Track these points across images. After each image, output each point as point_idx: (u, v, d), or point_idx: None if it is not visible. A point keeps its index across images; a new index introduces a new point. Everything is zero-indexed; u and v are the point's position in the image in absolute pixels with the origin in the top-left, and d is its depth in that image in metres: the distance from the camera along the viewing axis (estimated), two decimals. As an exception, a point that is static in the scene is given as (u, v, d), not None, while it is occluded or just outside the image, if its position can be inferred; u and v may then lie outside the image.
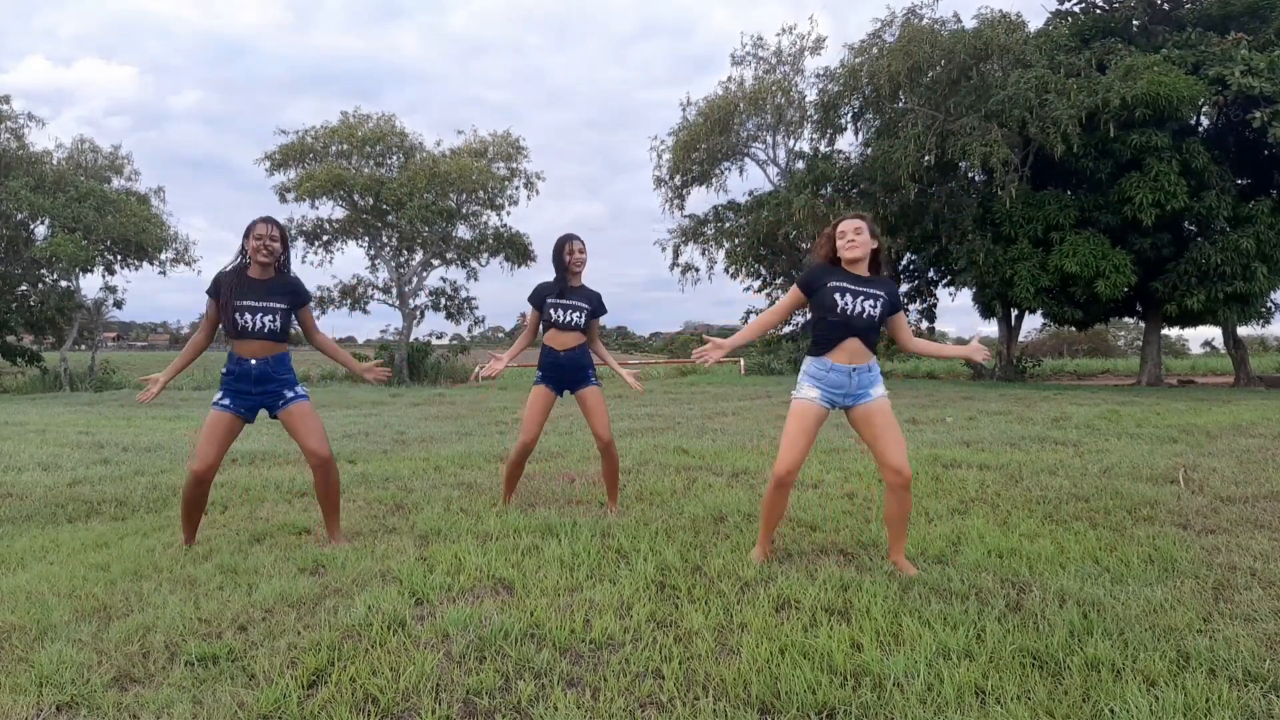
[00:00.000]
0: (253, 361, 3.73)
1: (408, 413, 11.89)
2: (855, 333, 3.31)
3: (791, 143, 23.66)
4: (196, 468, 3.68)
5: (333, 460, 3.86)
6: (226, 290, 3.70)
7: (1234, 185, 17.95)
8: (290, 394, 3.80)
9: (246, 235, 3.74)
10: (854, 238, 3.34)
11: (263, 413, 3.83)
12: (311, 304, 3.99)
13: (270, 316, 3.71)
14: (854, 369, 3.32)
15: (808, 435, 3.37)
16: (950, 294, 25.34)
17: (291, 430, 3.82)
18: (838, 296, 3.30)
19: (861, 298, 3.31)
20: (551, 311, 4.41)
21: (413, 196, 23.27)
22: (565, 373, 4.47)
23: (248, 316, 3.68)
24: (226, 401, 3.74)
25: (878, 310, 3.31)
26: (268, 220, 3.77)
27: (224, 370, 3.79)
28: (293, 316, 3.85)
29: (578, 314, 4.41)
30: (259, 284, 3.74)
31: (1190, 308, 17.51)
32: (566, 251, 4.42)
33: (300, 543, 3.91)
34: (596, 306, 4.50)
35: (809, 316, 3.52)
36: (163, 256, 23.98)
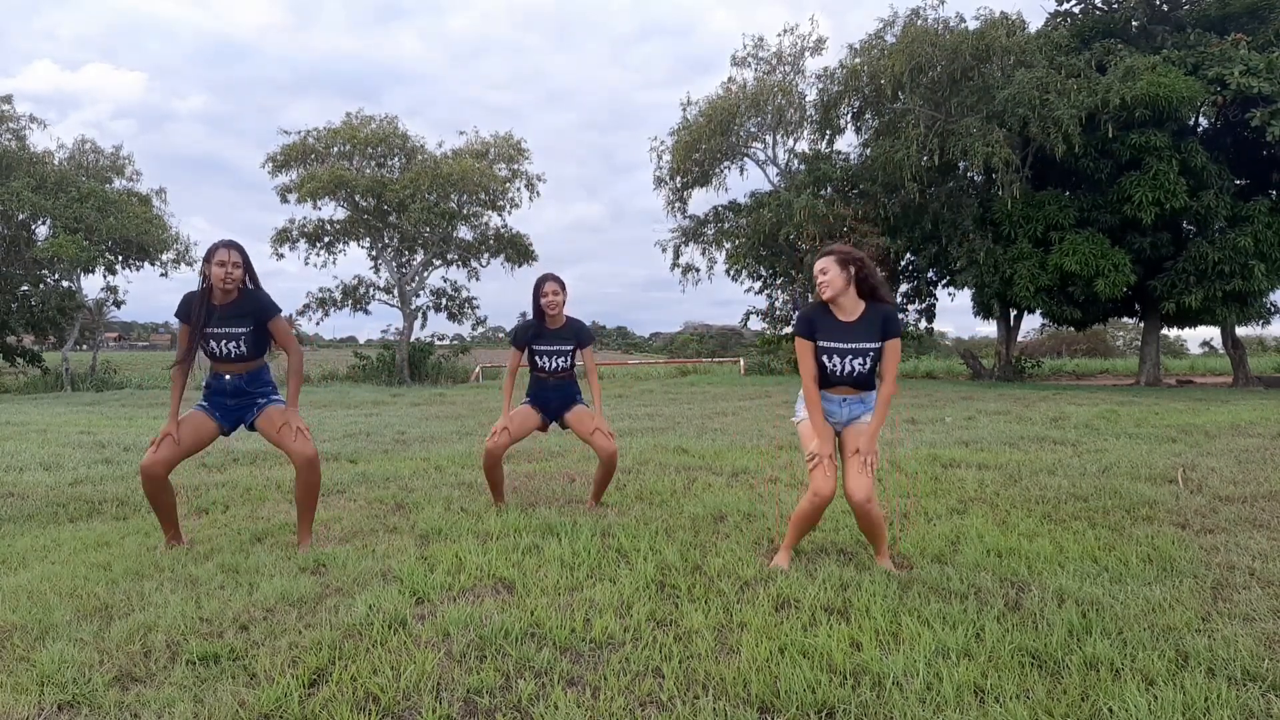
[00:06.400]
0: (227, 377, 3.77)
1: (409, 412, 11.90)
2: (847, 383, 3.37)
3: (791, 143, 23.68)
4: (143, 462, 3.70)
5: (317, 459, 3.78)
6: (195, 317, 3.63)
7: (1232, 184, 17.97)
8: (264, 401, 3.79)
9: (207, 260, 3.62)
10: (821, 279, 3.30)
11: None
12: (282, 314, 3.79)
13: (235, 343, 3.66)
14: (844, 400, 3.41)
15: (829, 446, 3.37)
16: (949, 294, 25.36)
17: (269, 436, 3.76)
18: (826, 360, 3.33)
19: (850, 357, 3.31)
20: (537, 359, 4.51)
21: (415, 198, 23.29)
22: (553, 397, 4.57)
23: (213, 344, 3.67)
24: (205, 404, 3.79)
25: (868, 364, 3.33)
26: (228, 245, 3.63)
27: (204, 383, 3.84)
28: (263, 333, 3.73)
29: (562, 358, 4.51)
30: (223, 309, 3.65)
31: (1189, 306, 17.52)
32: (541, 294, 4.44)
33: (299, 542, 3.92)
34: (581, 339, 4.55)
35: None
36: (164, 257, 24.04)
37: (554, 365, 4.51)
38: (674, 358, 38.93)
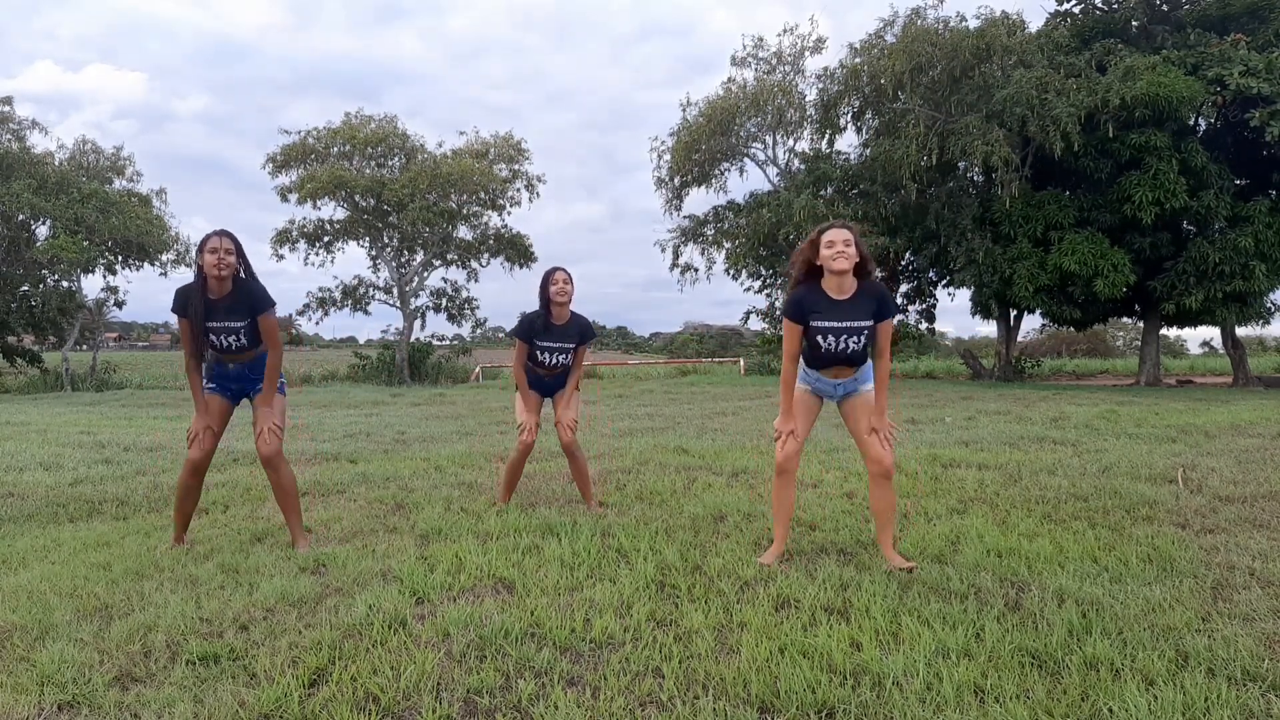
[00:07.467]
0: (231, 366, 3.83)
1: (408, 412, 11.90)
2: (841, 362, 3.38)
3: (791, 143, 23.68)
4: (191, 455, 3.75)
5: (279, 458, 3.77)
6: (193, 311, 3.63)
7: (1232, 185, 17.96)
8: (261, 385, 3.84)
9: (201, 249, 3.60)
10: (843, 249, 3.21)
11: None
12: (275, 309, 3.75)
13: (234, 335, 3.69)
14: (839, 382, 3.45)
15: (803, 421, 3.43)
16: (949, 294, 25.38)
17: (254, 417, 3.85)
18: (820, 339, 3.32)
19: (845, 335, 3.30)
20: (538, 354, 4.53)
21: (414, 198, 23.29)
22: (548, 388, 4.70)
23: (214, 337, 3.70)
24: (213, 386, 3.85)
25: (862, 342, 3.32)
26: (220, 233, 3.62)
27: (208, 366, 3.89)
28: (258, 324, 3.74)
29: (564, 355, 4.55)
30: (218, 302, 3.64)
31: (1189, 307, 17.52)
32: (550, 283, 4.45)
33: (292, 543, 3.92)
34: (584, 336, 4.58)
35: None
36: (164, 257, 24.06)
37: (554, 362, 4.54)
38: (674, 358, 38.94)
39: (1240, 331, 19.95)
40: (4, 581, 3.31)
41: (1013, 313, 21.33)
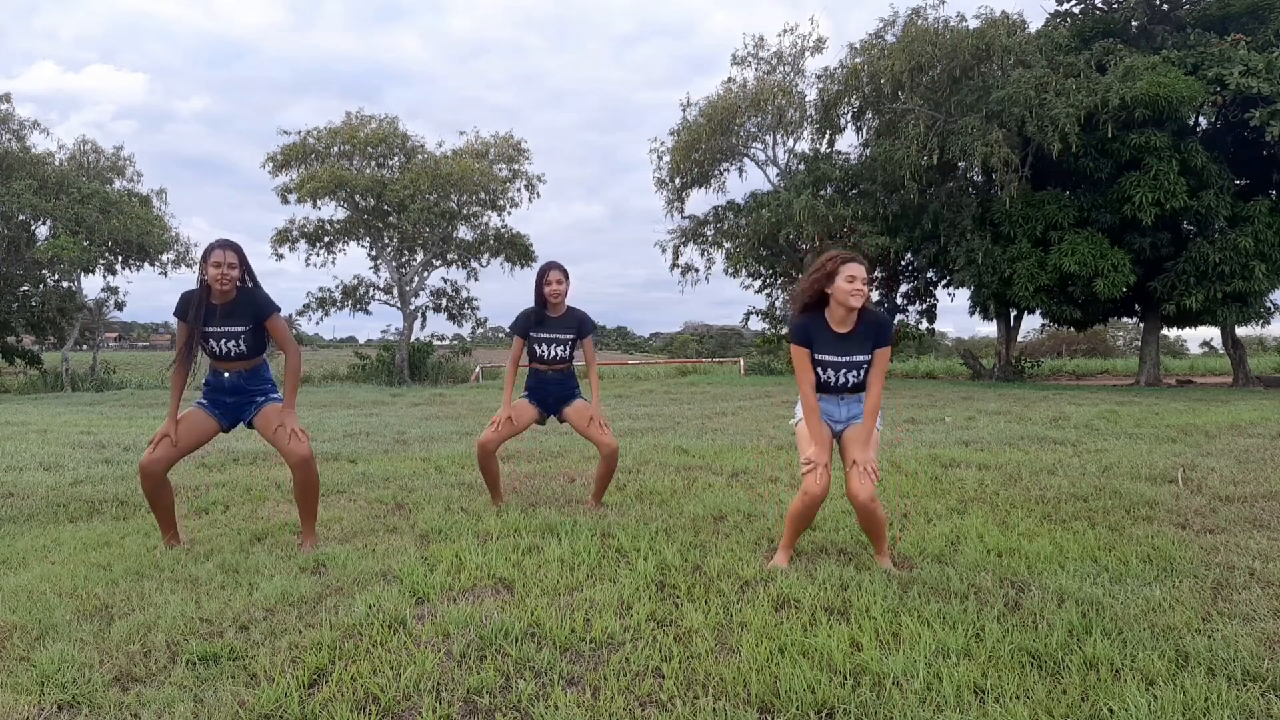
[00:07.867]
0: (226, 375, 3.79)
1: (408, 413, 11.90)
2: (842, 391, 3.39)
3: (791, 143, 23.68)
4: (141, 461, 3.72)
5: (312, 458, 3.79)
6: (194, 316, 3.63)
7: (1232, 185, 17.96)
8: (262, 399, 3.82)
9: (204, 260, 3.62)
10: (861, 286, 3.19)
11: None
12: (281, 312, 3.78)
13: (233, 341, 3.68)
14: (843, 399, 3.43)
15: (827, 450, 3.36)
16: (949, 294, 25.37)
17: (265, 435, 3.79)
18: (820, 371, 3.33)
19: (844, 369, 3.31)
20: (535, 347, 4.49)
21: (415, 198, 23.29)
22: (551, 392, 4.55)
23: (212, 343, 3.69)
24: (205, 402, 3.81)
25: (861, 375, 3.33)
26: (223, 245, 3.62)
27: (204, 380, 3.86)
28: (261, 331, 3.74)
29: (561, 346, 4.48)
30: (221, 308, 3.66)
31: (1189, 307, 17.52)
32: (544, 283, 4.43)
33: (301, 542, 3.92)
34: (582, 328, 4.52)
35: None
36: (164, 258, 24.07)
37: (552, 354, 4.48)
38: (674, 358, 38.95)
39: (1240, 331, 19.95)
40: (4, 581, 3.31)
41: (1012, 313, 21.34)
